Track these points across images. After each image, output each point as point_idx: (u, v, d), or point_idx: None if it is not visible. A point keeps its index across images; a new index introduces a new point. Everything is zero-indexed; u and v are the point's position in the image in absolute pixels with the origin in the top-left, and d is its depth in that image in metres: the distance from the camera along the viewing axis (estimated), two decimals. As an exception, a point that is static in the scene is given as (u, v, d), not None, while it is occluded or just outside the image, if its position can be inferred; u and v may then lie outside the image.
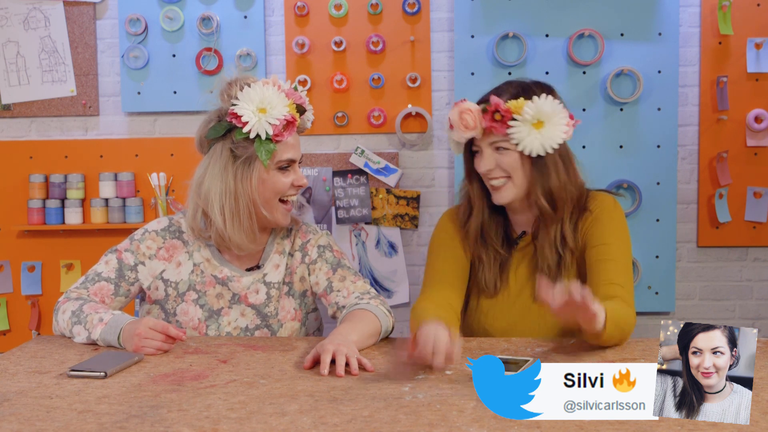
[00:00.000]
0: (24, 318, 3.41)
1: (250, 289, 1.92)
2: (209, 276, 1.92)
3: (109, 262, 1.92)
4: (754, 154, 3.31)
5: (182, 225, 1.96)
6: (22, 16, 3.34)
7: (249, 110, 1.80)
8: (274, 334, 1.93)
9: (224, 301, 1.92)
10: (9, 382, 1.51)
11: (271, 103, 1.80)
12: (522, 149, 1.82)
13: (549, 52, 3.29)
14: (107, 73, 3.38)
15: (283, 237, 1.98)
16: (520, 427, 1.22)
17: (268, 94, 1.80)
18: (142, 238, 1.94)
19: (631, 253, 1.87)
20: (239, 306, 1.92)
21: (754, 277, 3.38)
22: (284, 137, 1.82)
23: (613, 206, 1.92)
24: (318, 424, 1.24)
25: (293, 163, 1.88)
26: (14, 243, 3.38)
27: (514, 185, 1.86)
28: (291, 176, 1.87)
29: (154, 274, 1.92)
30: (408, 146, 3.34)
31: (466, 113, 1.87)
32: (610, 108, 3.29)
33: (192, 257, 1.93)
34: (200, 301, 1.92)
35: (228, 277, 1.92)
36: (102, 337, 1.74)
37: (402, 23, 3.30)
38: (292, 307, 1.95)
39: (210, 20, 3.28)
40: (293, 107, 1.85)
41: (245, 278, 1.92)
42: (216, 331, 1.92)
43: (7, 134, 3.41)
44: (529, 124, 1.81)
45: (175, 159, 3.34)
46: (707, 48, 3.28)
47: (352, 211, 3.31)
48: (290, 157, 1.86)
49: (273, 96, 1.81)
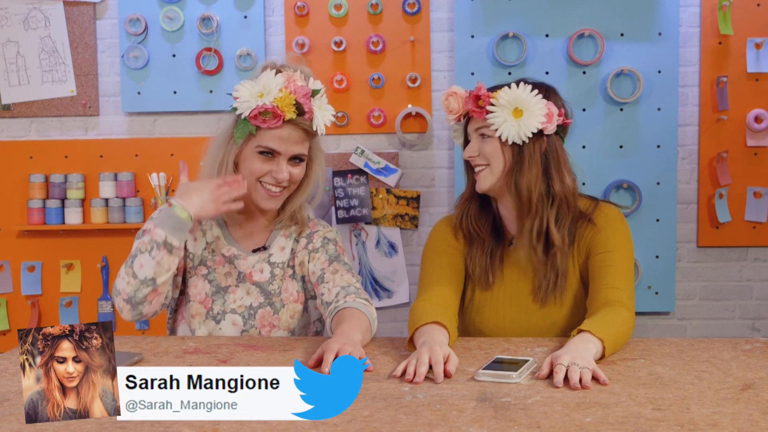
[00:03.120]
0: (24, 318, 3.40)
1: (255, 267, 1.98)
2: (219, 254, 1.99)
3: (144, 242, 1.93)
4: (754, 154, 3.31)
5: None
6: (22, 16, 3.33)
7: (250, 90, 1.86)
8: (276, 314, 1.98)
9: (232, 279, 1.98)
10: (9, 382, 1.51)
11: (268, 90, 1.85)
12: (499, 135, 1.86)
13: (549, 52, 3.29)
14: (107, 73, 3.38)
15: (290, 225, 2.02)
16: (520, 427, 1.22)
17: (272, 81, 1.85)
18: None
19: (633, 263, 1.89)
20: (245, 284, 1.98)
21: (754, 277, 3.38)
22: (263, 124, 1.85)
23: (618, 218, 1.94)
24: (318, 424, 1.24)
25: (277, 154, 1.88)
26: (14, 243, 3.38)
27: (491, 173, 1.90)
28: (271, 166, 1.89)
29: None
30: (408, 146, 3.34)
31: (451, 96, 1.93)
32: (610, 108, 3.29)
33: (205, 235, 2.01)
34: (209, 277, 1.98)
35: (235, 255, 1.98)
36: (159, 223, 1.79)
37: (402, 23, 3.30)
38: (295, 289, 2.01)
39: (210, 20, 3.28)
40: (288, 102, 1.84)
41: (251, 257, 1.98)
42: (221, 306, 1.97)
43: (7, 134, 3.41)
44: (507, 110, 1.84)
45: (175, 159, 3.34)
46: (707, 48, 3.28)
47: (352, 211, 3.31)
48: (271, 146, 1.87)
49: (273, 84, 1.85)
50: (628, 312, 1.75)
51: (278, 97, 1.84)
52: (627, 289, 1.81)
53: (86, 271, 3.39)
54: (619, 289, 1.79)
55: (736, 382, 1.44)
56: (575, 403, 1.32)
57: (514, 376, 1.45)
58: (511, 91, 1.84)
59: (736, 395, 1.36)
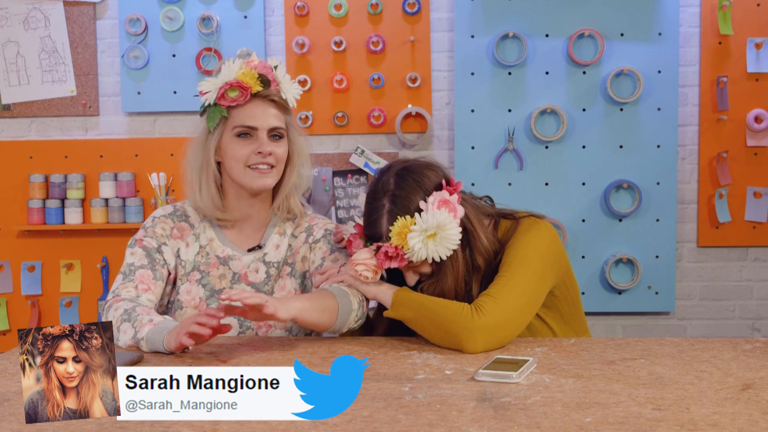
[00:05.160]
0: (24, 318, 3.40)
1: (250, 268, 1.96)
2: (213, 257, 1.96)
3: (134, 253, 1.92)
4: (754, 154, 3.31)
5: (186, 210, 2.00)
6: (22, 16, 3.33)
7: (211, 83, 1.87)
8: None
9: (226, 281, 1.96)
10: (9, 382, 1.51)
11: (226, 72, 1.86)
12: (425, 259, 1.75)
13: (549, 52, 3.29)
14: (107, 73, 3.38)
15: (286, 220, 2.01)
16: (520, 427, 1.22)
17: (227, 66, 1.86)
18: (153, 224, 1.96)
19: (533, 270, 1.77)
20: (239, 285, 1.96)
21: (754, 277, 3.38)
22: (232, 103, 1.85)
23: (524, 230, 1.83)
24: (318, 424, 1.24)
25: (254, 130, 1.87)
26: (14, 243, 3.38)
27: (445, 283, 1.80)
28: (253, 145, 1.87)
29: (174, 252, 1.95)
30: (408, 146, 3.34)
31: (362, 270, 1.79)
32: (610, 108, 3.29)
33: (198, 239, 1.98)
34: (203, 281, 1.96)
35: (229, 256, 1.96)
36: (147, 337, 1.71)
37: (402, 23, 3.30)
38: (292, 287, 1.98)
39: (210, 20, 3.28)
40: (251, 76, 1.86)
41: (245, 257, 1.96)
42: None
43: (7, 134, 3.41)
44: (420, 242, 1.72)
45: (175, 159, 3.34)
46: (707, 48, 3.28)
47: (352, 211, 3.31)
48: (247, 123, 1.87)
49: (229, 66, 1.86)
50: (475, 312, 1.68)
51: (240, 74, 1.86)
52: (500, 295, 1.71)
53: (86, 271, 3.39)
54: (489, 296, 1.71)
55: (736, 382, 1.44)
56: (575, 403, 1.32)
57: (514, 376, 1.45)
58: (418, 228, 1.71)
59: (736, 395, 1.36)
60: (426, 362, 1.60)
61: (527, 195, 3.30)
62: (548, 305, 1.86)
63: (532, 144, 3.32)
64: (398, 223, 1.73)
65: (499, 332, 1.68)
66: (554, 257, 1.83)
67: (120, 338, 1.76)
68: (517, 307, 1.71)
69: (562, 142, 3.31)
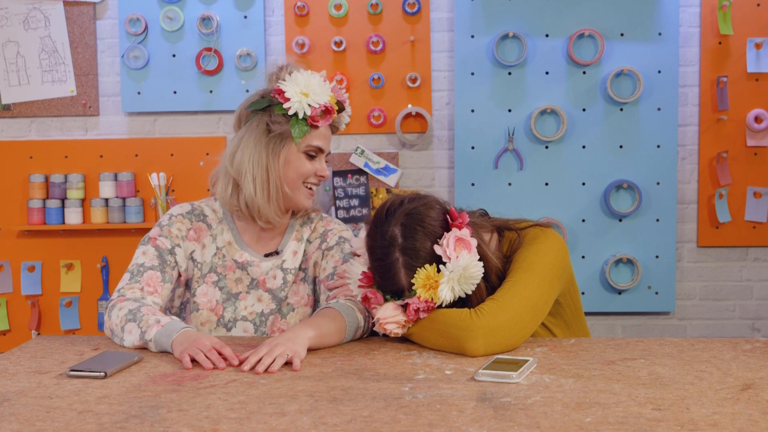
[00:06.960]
0: (24, 318, 3.41)
1: (268, 274, 1.96)
2: (230, 260, 1.96)
3: (146, 252, 1.91)
4: (754, 154, 3.31)
5: (204, 209, 2.00)
6: (22, 16, 3.34)
7: (293, 90, 1.87)
8: (284, 318, 1.96)
9: (243, 285, 1.96)
10: (9, 382, 1.51)
11: (315, 90, 1.88)
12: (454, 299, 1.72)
13: (549, 52, 3.29)
14: (107, 73, 3.38)
15: (303, 224, 2.03)
16: (520, 427, 1.22)
17: (313, 81, 1.88)
18: (170, 222, 1.95)
19: (541, 276, 1.75)
20: (257, 291, 1.96)
21: (754, 277, 3.38)
22: (319, 124, 1.89)
23: (531, 239, 1.83)
24: (318, 424, 1.24)
25: (321, 152, 1.93)
26: (14, 243, 3.38)
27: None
28: (316, 165, 1.93)
29: (187, 255, 1.95)
30: (408, 146, 3.34)
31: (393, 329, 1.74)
32: (610, 108, 3.29)
33: (215, 240, 1.97)
34: (220, 284, 1.96)
35: (248, 262, 1.96)
36: (155, 338, 1.70)
37: (402, 23, 3.30)
38: (305, 293, 1.99)
39: (210, 20, 3.28)
40: (333, 100, 1.92)
41: (264, 263, 1.96)
42: (232, 314, 1.95)
43: (7, 134, 3.41)
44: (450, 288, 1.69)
45: (175, 159, 3.34)
46: (707, 48, 3.28)
47: (352, 211, 3.31)
48: (319, 145, 1.92)
49: (317, 83, 1.88)
50: (475, 314, 1.67)
51: (331, 98, 1.90)
52: (503, 299, 1.70)
53: (86, 271, 3.39)
54: (493, 300, 1.70)
55: (736, 382, 1.44)
56: (575, 403, 1.32)
57: (514, 376, 1.45)
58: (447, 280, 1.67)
59: (736, 395, 1.36)
60: (426, 362, 1.61)
61: (527, 195, 3.30)
62: (553, 313, 1.86)
63: (532, 144, 3.32)
64: (420, 276, 1.68)
65: (502, 333, 1.66)
66: (562, 265, 1.82)
67: (125, 338, 1.75)
68: (522, 309, 1.69)
69: (562, 142, 3.31)
